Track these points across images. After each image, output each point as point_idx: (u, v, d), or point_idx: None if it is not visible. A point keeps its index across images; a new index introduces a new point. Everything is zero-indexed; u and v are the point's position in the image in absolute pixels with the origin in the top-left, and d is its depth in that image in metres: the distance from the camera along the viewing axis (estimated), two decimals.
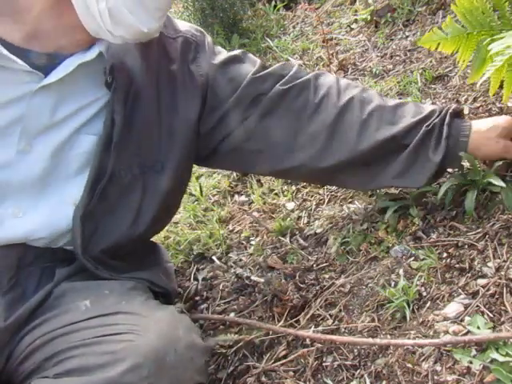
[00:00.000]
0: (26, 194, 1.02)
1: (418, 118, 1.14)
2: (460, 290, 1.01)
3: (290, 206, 1.52)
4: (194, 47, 1.17)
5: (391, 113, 1.16)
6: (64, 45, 0.99)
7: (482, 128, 1.13)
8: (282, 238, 1.40)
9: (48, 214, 1.04)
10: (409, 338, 0.97)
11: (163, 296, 1.15)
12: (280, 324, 1.14)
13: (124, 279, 1.08)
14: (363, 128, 1.15)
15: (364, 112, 1.15)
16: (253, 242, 1.45)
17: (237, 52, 1.22)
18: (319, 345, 1.05)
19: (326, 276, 1.23)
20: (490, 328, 0.90)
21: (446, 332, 0.94)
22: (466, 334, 0.92)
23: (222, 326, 1.22)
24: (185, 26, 1.19)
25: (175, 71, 1.13)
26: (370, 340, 0.98)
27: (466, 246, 1.09)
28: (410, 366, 0.92)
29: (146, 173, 1.10)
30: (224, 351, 1.15)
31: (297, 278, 1.24)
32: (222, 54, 1.21)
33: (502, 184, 1.09)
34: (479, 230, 1.10)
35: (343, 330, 1.07)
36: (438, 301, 1.02)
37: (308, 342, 1.08)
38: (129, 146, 1.07)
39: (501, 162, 1.12)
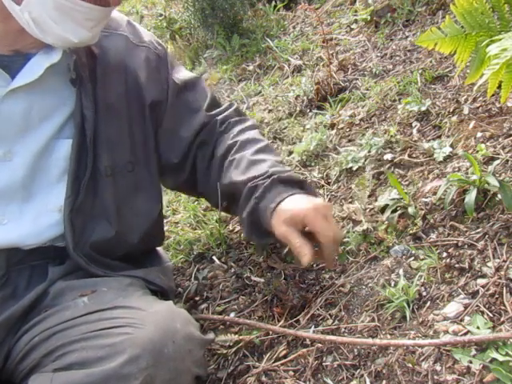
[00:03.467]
0: (10, 201, 1.03)
1: (252, 176, 1.13)
2: (460, 290, 1.01)
3: None
4: (156, 58, 1.20)
5: (247, 163, 1.18)
6: (20, 48, 1.00)
7: (285, 207, 1.06)
8: None
9: (33, 222, 1.05)
10: (409, 338, 0.97)
11: (161, 295, 1.16)
12: (280, 324, 1.14)
13: (118, 277, 1.10)
14: (225, 169, 1.21)
15: (232, 157, 1.21)
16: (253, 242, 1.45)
17: (193, 77, 1.27)
18: (319, 345, 1.05)
19: (326, 276, 1.23)
20: (489, 328, 0.90)
21: (446, 332, 0.95)
22: (465, 333, 0.92)
23: (222, 326, 1.22)
24: (148, 36, 1.22)
25: (140, 76, 1.15)
26: (370, 340, 0.98)
27: (466, 246, 1.09)
28: (409, 365, 0.92)
29: (125, 169, 1.13)
30: (224, 351, 1.15)
31: (297, 278, 1.24)
32: (181, 73, 1.25)
33: (497, 184, 1.09)
34: (479, 230, 1.11)
35: (343, 329, 1.07)
36: (437, 301, 1.02)
37: (308, 341, 1.08)
38: (104, 140, 1.09)
39: (287, 248, 1.10)
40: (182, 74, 1.25)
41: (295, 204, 1.06)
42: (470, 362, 0.87)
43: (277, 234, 1.07)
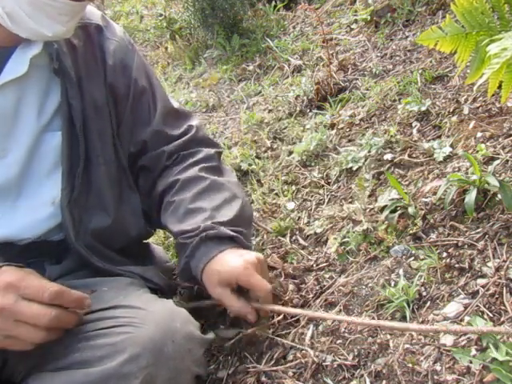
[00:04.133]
0: (4, 196, 1.03)
1: (185, 230, 1.10)
2: (460, 290, 1.01)
3: (290, 205, 1.52)
4: (124, 55, 1.17)
5: (184, 212, 1.14)
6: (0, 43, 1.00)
7: (214, 267, 1.04)
8: (282, 238, 1.40)
9: (28, 216, 1.05)
10: (408, 338, 0.97)
11: (161, 293, 1.16)
12: (280, 324, 1.14)
13: (118, 271, 1.10)
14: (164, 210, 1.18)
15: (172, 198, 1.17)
16: (253, 242, 1.45)
17: (154, 86, 1.23)
18: (318, 345, 1.05)
19: (326, 276, 1.23)
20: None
21: (446, 332, 0.94)
22: (465, 333, 0.92)
23: (222, 326, 1.22)
24: (120, 32, 1.20)
25: (111, 68, 1.14)
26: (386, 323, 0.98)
27: (466, 246, 1.09)
28: (409, 365, 0.92)
29: (116, 159, 1.13)
30: (224, 351, 1.15)
31: (297, 278, 1.24)
32: (144, 79, 1.21)
33: (497, 184, 1.09)
34: (479, 230, 1.11)
35: (343, 329, 1.07)
36: (437, 301, 1.02)
37: (308, 341, 1.08)
38: (94, 130, 1.09)
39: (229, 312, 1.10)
40: (145, 79, 1.21)
41: (225, 263, 1.03)
42: (470, 362, 0.87)
43: (212, 296, 1.05)
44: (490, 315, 0.94)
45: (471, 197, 1.12)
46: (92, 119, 1.09)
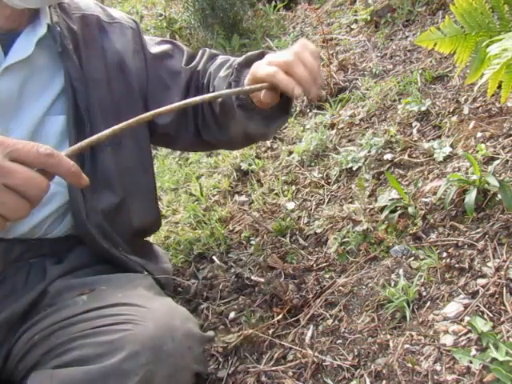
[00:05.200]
0: None
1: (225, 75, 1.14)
2: (460, 290, 1.01)
3: (290, 205, 1.52)
4: (130, 31, 1.21)
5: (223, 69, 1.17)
6: (3, 25, 1.00)
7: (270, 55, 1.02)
8: (282, 238, 1.41)
9: None
10: (408, 338, 0.97)
11: (161, 287, 1.17)
12: (280, 323, 1.14)
13: (124, 258, 1.11)
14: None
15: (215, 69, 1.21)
16: (253, 242, 1.45)
17: (167, 47, 1.26)
18: (318, 345, 1.06)
19: (326, 276, 1.23)
20: (489, 328, 0.90)
21: (446, 332, 0.95)
22: (466, 333, 0.92)
23: (222, 326, 1.22)
24: (118, 12, 1.24)
25: (120, 51, 1.16)
26: None
27: (466, 246, 1.09)
28: (409, 365, 0.92)
29: (120, 142, 1.13)
30: (224, 351, 1.15)
31: (297, 278, 1.24)
32: (156, 45, 1.25)
33: (497, 184, 1.09)
34: (479, 230, 1.11)
35: (343, 329, 1.07)
36: (437, 301, 1.02)
37: (308, 341, 1.08)
38: (98, 112, 1.10)
39: (261, 85, 0.96)
40: (157, 45, 1.25)
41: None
42: (470, 362, 0.87)
43: (259, 76, 0.97)
44: (490, 315, 0.94)
45: (471, 197, 1.12)
46: (97, 101, 1.10)
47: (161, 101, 1.18)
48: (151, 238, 1.58)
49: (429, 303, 1.02)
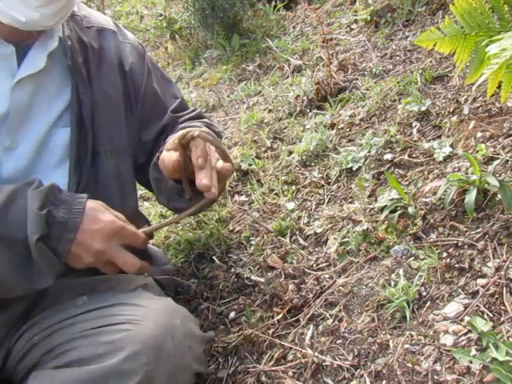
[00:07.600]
0: None
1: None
2: (460, 290, 1.01)
3: (290, 205, 1.52)
4: (138, 54, 1.24)
5: None
6: (8, 37, 1.00)
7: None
8: (282, 238, 1.40)
9: None
10: (408, 338, 0.97)
11: (161, 288, 1.17)
12: (280, 323, 1.14)
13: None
14: None
15: None
16: (253, 242, 1.45)
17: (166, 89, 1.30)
18: (318, 345, 1.06)
19: (326, 276, 1.23)
20: (489, 327, 0.90)
21: (446, 332, 0.95)
22: (466, 333, 0.92)
23: (222, 326, 1.22)
24: (131, 35, 1.27)
25: (130, 67, 1.20)
26: None
27: (466, 246, 1.09)
28: (409, 365, 0.92)
29: (126, 155, 1.16)
30: (224, 351, 1.15)
31: (297, 278, 1.24)
32: (155, 79, 1.27)
33: (497, 184, 1.09)
34: (479, 230, 1.11)
35: (343, 329, 1.07)
36: (437, 301, 1.02)
37: (308, 341, 1.08)
38: (102, 125, 1.11)
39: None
40: (159, 81, 1.28)
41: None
42: (470, 362, 0.87)
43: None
44: (490, 315, 0.94)
45: (471, 197, 1.12)
46: (102, 115, 1.11)
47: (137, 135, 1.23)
48: (150, 240, 1.58)
49: (429, 303, 1.02)
